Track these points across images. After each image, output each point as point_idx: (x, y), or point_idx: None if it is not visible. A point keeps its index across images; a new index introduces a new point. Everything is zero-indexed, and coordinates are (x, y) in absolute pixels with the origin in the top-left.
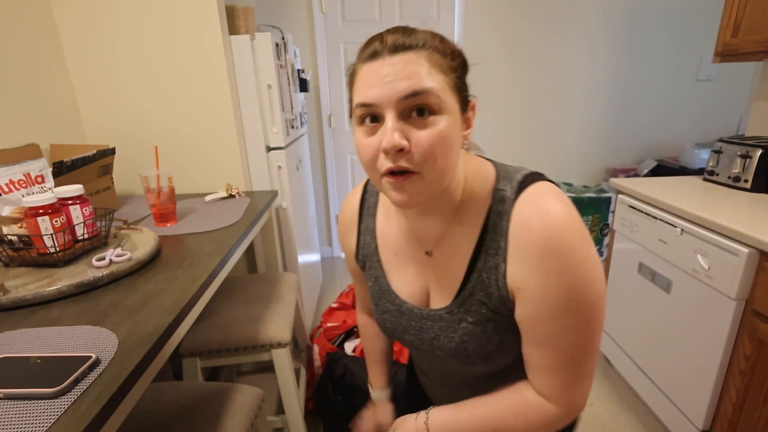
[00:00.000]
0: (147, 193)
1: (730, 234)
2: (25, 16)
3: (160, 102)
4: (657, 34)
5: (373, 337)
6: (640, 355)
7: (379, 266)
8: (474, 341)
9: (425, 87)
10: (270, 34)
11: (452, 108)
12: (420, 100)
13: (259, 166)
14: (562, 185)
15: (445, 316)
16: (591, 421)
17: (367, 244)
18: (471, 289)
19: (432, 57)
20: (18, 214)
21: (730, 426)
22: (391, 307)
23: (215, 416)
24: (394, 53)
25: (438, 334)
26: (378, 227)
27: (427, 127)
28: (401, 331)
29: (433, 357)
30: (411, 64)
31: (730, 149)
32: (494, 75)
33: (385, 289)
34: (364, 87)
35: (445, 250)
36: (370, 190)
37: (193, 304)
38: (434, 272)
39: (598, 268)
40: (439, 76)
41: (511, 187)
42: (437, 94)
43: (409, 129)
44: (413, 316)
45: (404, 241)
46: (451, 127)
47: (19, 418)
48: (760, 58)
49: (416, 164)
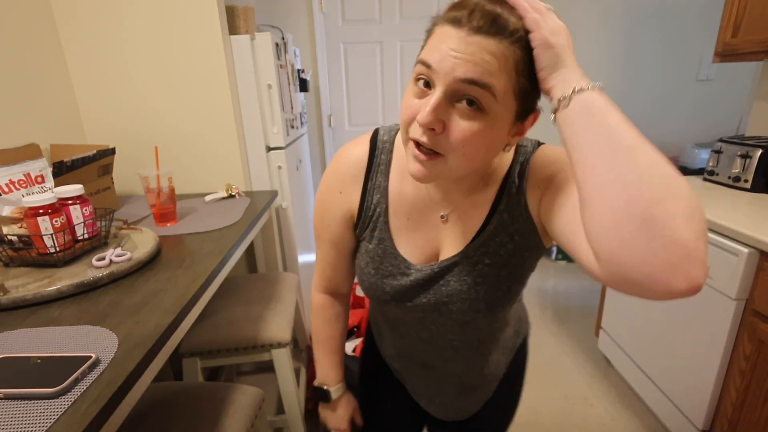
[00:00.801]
0: (147, 193)
1: (730, 234)
2: (25, 16)
3: (160, 102)
4: (657, 34)
5: (332, 320)
6: (640, 355)
7: (387, 228)
8: (486, 284)
9: (486, 81)
10: (270, 34)
11: (505, 112)
12: (474, 91)
13: (259, 166)
14: None
15: (460, 261)
16: (591, 421)
17: (376, 203)
18: (491, 231)
19: (509, 52)
20: (18, 214)
21: (730, 426)
22: (395, 271)
23: (215, 416)
24: (476, 33)
25: (449, 280)
26: (391, 187)
27: (469, 120)
28: (402, 294)
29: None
30: (483, 50)
31: (730, 149)
32: None
33: (390, 252)
34: (432, 47)
35: (464, 210)
36: (381, 146)
37: (193, 304)
38: (448, 235)
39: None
40: (509, 76)
41: (531, 144)
42: (495, 93)
43: (451, 113)
44: (420, 275)
45: (419, 205)
46: (493, 129)
47: (19, 418)
48: (760, 58)
49: (443, 148)
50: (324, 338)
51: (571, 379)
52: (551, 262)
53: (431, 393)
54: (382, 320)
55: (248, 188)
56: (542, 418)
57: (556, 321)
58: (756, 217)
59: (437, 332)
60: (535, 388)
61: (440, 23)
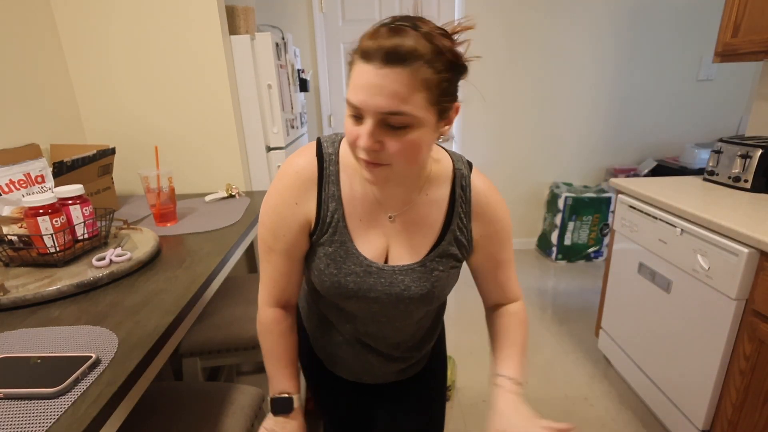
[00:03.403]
0: (147, 193)
1: (730, 234)
2: (25, 16)
3: (160, 102)
4: (657, 34)
5: (286, 333)
6: (640, 355)
7: (346, 232)
8: (441, 285)
9: (401, 110)
10: (270, 34)
11: (427, 121)
12: (395, 119)
13: (259, 166)
14: (562, 185)
15: (418, 268)
16: (591, 421)
17: (333, 210)
18: (445, 245)
19: (419, 73)
20: (18, 214)
21: (730, 426)
22: (357, 269)
23: (215, 416)
24: (385, 65)
25: (409, 285)
26: (344, 194)
27: (400, 137)
28: (366, 290)
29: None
30: (395, 82)
31: (730, 149)
32: (494, 75)
33: (351, 252)
34: (354, 86)
35: (409, 214)
36: (328, 158)
37: (193, 304)
38: (396, 234)
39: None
40: (421, 94)
41: (464, 166)
42: (413, 114)
43: (384, 134)
44: (382, 273)
45: (369, 208)
46: (423, 135)
47: (19, 418)
48: (760, 58)
49: (387, 160)
50: (280, 353)
51: (571, 379)
52: (551, 262)
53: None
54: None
55: (248, 188)
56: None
57: (556, 321)
58: (756, 217)
59: (387, 323)
60: (535, 388)
61: (356, 59)
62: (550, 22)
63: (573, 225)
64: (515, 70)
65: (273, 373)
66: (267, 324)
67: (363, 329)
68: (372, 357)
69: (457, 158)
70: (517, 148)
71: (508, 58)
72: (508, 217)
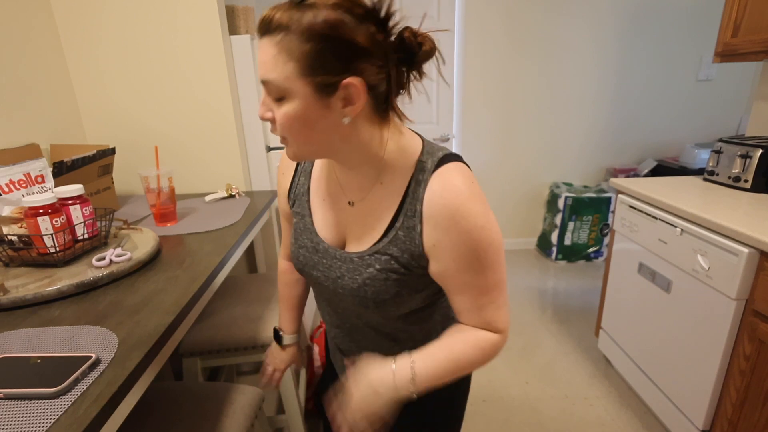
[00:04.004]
0: (147, 193)
1: (730, 234)
2: (25, 16)
3: (159, 102)
4: (657, 34)
5: (291, 283)
6: (640, 355)
7: (307, 206)
8: (374, 286)
9: (266, 78)
10: None
11: (302, 93)
12: (267, 87)
13: (259, 166)
14: (562, 185)
15: (356, 259)
16: (591, 421)
17: (301, 184)
18: (386, 243)
19: (284, 43)
20: (18, 214)
21: (730, 426)
22: (309, 244)
23: (215, 416)
24: (260, 36)
25: (343, 274)
26: (314, 171)
27: (279, 109)
28: (311, 267)
29: (333, 295)
30: (264, 52)
31: (730, 149)
32: (494, 75)
33: (308, 227)
34: None
35: (366, 203)
36: None
37: (193, 304)
38: (353, 221)
39: (495, 228)
40: (287, 65)
41: (432, 161)
42: (278, 84)
43: (272, 104)
44: (326, 254)
45: (333, 189)
46: (300, 110)
47: (19, 418)
48: (760, 58)
49: (279, 133)
50: (284, 297)
51: (571, 379)
52: (551, 262)
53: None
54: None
55: (248, 188)
56: (542, 418)
57: (556, 321)
58: (756, 217)
59: (344, 315)
60: (535, 388)
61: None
62: (551, 22)
63: (573, 225)
64: (515, 71)
65: (280, 311)
66: (279, 273)
67: (329, 319)
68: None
69: (430, 150)
70: (517, 148)
71: (508, 58)
72: (484, 233)
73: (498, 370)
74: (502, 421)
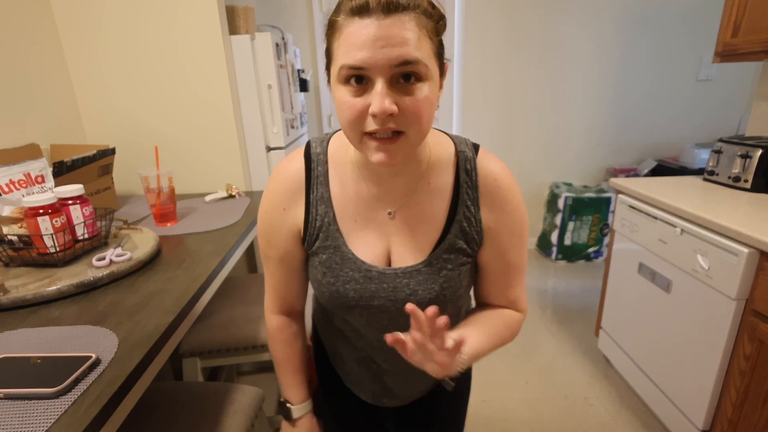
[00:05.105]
0: (147, 193)
1: (730, 234)
2: (25, 16)
3: (160, 102)
4: (657, 34)
5: (291, 340)
6: (640, 355)
7: (339, 235)
8: (452, 287)
9: (416, 57)
10: (270, 34)
11: (434, 74)
12: (409, 68)
13: (259, 166)
14: (562, 185)
15: (424, 269)
16: (591, 421)
17: (322, 214)
18: (451, 239)
19: (421, 21)
20: (18, 214)
21: (730, 426)
22: (356, 275)
23: (215, 416)
24: (388, 14)
25: (415, 289)
26: (333, 195)
27: (414, 93)
28: (368, 298)
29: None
30: (403, 29)
31: (730, 149)
32: (495, 75)
33: (348, 257)
34: (352, 47)
35: (411, 208)
36: (316, 158)
37: (193, 304)
38: (398, 232)
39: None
40: (427, 42)
41: (468, 149)
42: (425, 62)
43: (396, 93)
44: (385, 278)
45: (363, 206)
46: (433, 91)
47: (19, 418)
48: (760, 58)
49: (403, 126)
50: (284, 359)
51: (571, 379)
52: (551, 262)
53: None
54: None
55: (248, 188)
56: (542, 418)
57: (556, 321)
58: (756, 217)
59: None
60: (535, 388)
61: (346, 19)
62: (550, 22)
63: (573, 225)
64: (515, 70)
65: (280, 377)
66: (272, 332)
67: (378, 345)
68: (389, 379)
69: (460, 141)
70: (517, 147)
71: (508, 58)
72: (524, 209)
73: (498, 370)
74: (502, 421)
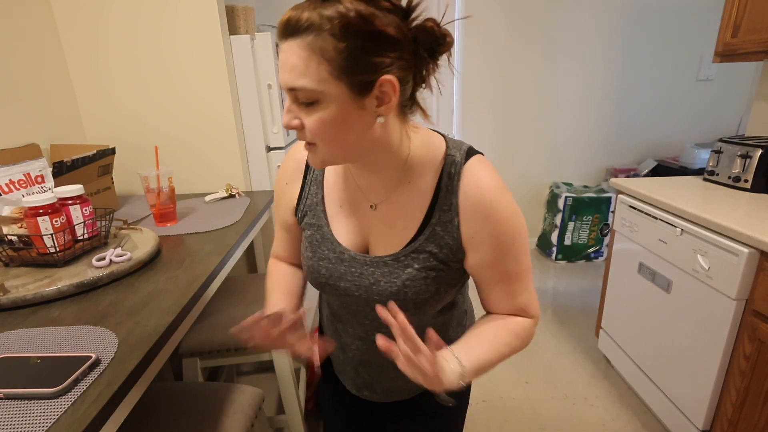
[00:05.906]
0: (147, 193)
1: (730, 234)
2: (25, 16)
3: (160, 102)
4: (657, 34)
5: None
6: (640, 355)
7: (323, 215)
8: (414, 287)
9: (298, 84)
10: (270, 34)
11: (337, 95)
12: (299, 95)
13: (259, 166)
14: (562, 185)
15: (390, 262)
16: (591, 421)
17: (312, 194)
18: (423, 240)
19: (316, 44)
20: (18, 214)
21: (730, 426)
22: (330, 255)
23: (215, 416)
24: (284, 39)
25: (379, 280)
26: (326, 179)
27: (310, 114)
28: (336, 278)
29: (365, 304)
30: (291, 54)
31: (730, 149)
32: (495, 75)
33: (327, 237)
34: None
35: (392, 204)
36: None
37: (193, 304)
38: (377, 224)
39: (522, 216)
40: (321, 66)
41: (460, 153)
42: (312, 89)
43: (300, 111)
44: (353, 262)
45: (350, 194)
46: (336, 112)
47: (19, 418)
48: (760, 58)
49: (310, 139)
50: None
51: (571, 379)
52: (551, 262)
53: (373, 383)
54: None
55: (248, 188)
56: (542, 418)
57: (556, 321)
58: (756, 217)
59: (371, 327)
60: (535, 388)
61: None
62: (551, 22)
63: (573, 225)
64: (515, 70)
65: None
66: (275, 266)
67: (352, 331)
68: (363, 370)
69: (454, 145)
70: (517, 147)
71: (508, 58)
72: (514, 222)
73: (498, 370)
74: (502, 421)
